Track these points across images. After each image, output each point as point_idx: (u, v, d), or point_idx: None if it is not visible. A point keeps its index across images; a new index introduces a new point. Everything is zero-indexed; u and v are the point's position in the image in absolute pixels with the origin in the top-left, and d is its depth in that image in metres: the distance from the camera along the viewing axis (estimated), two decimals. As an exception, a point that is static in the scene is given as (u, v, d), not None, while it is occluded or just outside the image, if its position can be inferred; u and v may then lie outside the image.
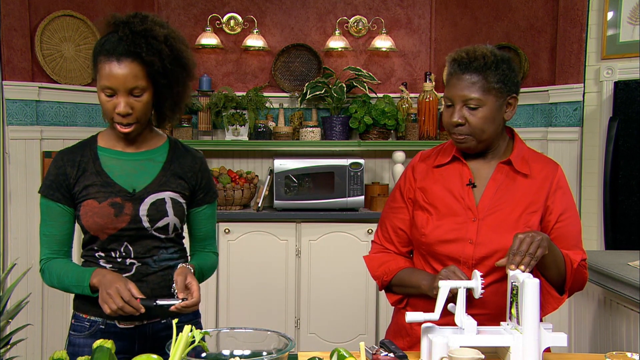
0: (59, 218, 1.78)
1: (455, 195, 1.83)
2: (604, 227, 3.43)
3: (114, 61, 1.67)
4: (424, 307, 1.83)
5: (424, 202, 1.87)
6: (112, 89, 1.68)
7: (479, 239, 1.78)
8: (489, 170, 1.86)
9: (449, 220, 1.81)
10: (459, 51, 1.82)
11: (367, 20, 4.42)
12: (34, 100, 3.51)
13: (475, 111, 1.77)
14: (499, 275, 1.77)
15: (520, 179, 1.83)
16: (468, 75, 1.77)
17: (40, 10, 3.57)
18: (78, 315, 1.83)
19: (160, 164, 1.82)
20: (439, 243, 1.81)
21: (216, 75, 4.43)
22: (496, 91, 1.77)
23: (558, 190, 1.84)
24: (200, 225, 1.92)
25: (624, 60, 3.51)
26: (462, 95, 1.77)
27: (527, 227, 1.78)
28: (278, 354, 1.43)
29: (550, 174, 1.85)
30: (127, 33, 1.68)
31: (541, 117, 3.94)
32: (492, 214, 1.80)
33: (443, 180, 1.87)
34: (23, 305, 1.63)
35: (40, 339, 3.51)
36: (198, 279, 1.80)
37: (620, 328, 2.38)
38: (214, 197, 1.94)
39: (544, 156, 1.93)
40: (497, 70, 1.77)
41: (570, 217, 1.85)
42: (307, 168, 4.05)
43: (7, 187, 3.41)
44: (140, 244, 1.77)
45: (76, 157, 1.79)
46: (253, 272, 3.94)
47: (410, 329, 1.87)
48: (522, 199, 1.81)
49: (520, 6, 4.02)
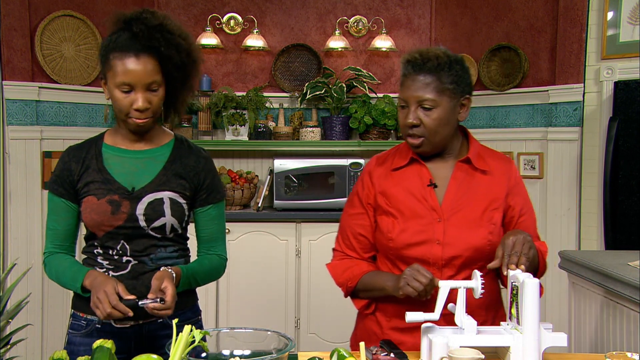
0: (62, 213, 1.80)
1: (417, 197, 1.82)
2: (604, 227, 3.42)
3: (132, 57, 1.67)
4: (394, 311, 1.84)
5: (387, 207, 1.85)
6: (130, 84, 1.68)
7: (446, 239, 1.79)
8: (448, 169, 1.86)
9: (414, 223, 1.80)
10: (413, 52, 1.81)
11: (367, 20, 4.43)
12: (34, 100, 3.51)
13: (430, 112, 1.77)
14: (469, 274, 1.79)
15: (480, 176, 1.85)
16: (422, 76, 1.77)
17: (40, 10, 3.57)
18: (76, 313, 1.83)
19: (162, 162, 1.81)
20: (407, 246, 1.81)
21: (216, 75, 4.43)
22: (450, 92, 1.77)
23: (516, 186, 1.88)
24: (204, 226, 1.89)
25: (624, 60, 3.51)
26: (417, 96, 1.77)
27: (492, 223, 1.81)
28: (278, 354, 1.43)
29: (506, 169, 1.88)
30: (142, 28, 1.68)
31: (541, 117, 3.94)
32: (456, 213, 1.81)
33: (403, 182, 1.86)
34: (23, 305, 1.63)
35: (40, 339, 3.52)
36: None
37: (621, 328, 2.38)
38: (220, 198, 1.90)
39: (498, 152, 1.95)
40: (450, 71, 1.77)
41: (529, 210, 1.91)
42: (307, 168, 4.05)
43: (7, 187, 3.41)
44: (136, 242, 1.77)
45: (82, 153, 1.80)
46: (253, 272, 3.94)
47: (381, 334, 1.86)
48: (483, 195, 1.83)
49: (520, 6, 4.02)
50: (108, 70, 1.71)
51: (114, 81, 1.69)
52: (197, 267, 1.84)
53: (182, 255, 1.87)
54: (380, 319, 1.88)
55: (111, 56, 1.70)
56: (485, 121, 4.23)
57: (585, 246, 3.72)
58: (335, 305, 4.02)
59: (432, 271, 1.77)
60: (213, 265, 1.90)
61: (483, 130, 4.23)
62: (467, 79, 1.82)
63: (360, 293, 1.90)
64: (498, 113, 4.16)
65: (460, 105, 1.82)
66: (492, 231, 1.81)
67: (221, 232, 1.93)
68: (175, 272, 1.72)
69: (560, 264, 2.84)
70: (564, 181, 3.83)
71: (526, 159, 4.02)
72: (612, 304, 2.44)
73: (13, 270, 1.69)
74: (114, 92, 1.70)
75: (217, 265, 1.91)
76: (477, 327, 1.59)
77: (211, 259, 1.90)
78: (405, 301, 1.75)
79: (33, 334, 3.44)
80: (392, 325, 1.86)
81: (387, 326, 1.87)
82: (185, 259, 1.87)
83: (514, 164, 1.92)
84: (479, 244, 1.79)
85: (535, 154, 3.96)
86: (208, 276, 1.88)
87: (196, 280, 1.83)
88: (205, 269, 1.87)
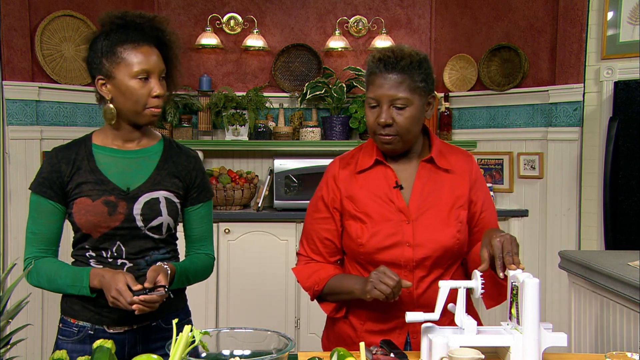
0: (49, 216, 1.76)
1: (384, 200, 1.82)
2: (604, 227, 3.42)
3: (145, 46, 1.72)
4: (367, 315, 1.84)
5: (355, 211, 1.84)
6: (148, 71, 1.71)
7: (416, 241, 1.79)
8: (412, 170, 1.85)
9: (383, 226, 1.79)
10: (384, 50, 1.80)
11: (367, 20, 4.42)
12: (34, 100, 3.51)
13: (403, 111, 1.76)
14: (439, 273, 1.80)
15: (443, 174, 1.85)
16: (394, 75, 1.75)
17: (40, 10, 3.57)
18: (66, 319, 1.80)
19: (155, 162, 1.81)
20: (377, 251, 1.80)
21: (216, 75, 4.43)
22: (420, 90, 1.77)
23: (477, 181, 1.88)
24: (194, 224, 1.89)
25: (624, 60, 3.51)
26: (390, 95, 1.75)
27: (459, 222, 1.81)
28: (278, 354, 1.43)
29: (467, 166, 1.88)
30: (144, 21, 1.74)
31: (541, 117, 3.94)
32: (423, 214, 1.80)
33: (368, 185, 1.85)
34: (23, 305, 1.62)
35: (40, 339, 3.52)
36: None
37: (620, 328, 2.38)
38: (209, 197, 1.91)
39: (458, 148, 1.95)
40: (420, 69, 1.77)
41: (490, 205, 1.91)
42: (307, 168, 4.05)
43: (7, 187, 3.41)
44: (132, 244, 1.76)
45: (71, 154, 1.77)
46: (253, 272, 3.94)
47: (356, 337, 1.84)
48: (448, 194, 1.83)
49: (520, 6, 4.02)
50: (118, 64, 1.71)
51: (129, 72, 1.70)
52: (189, 265, 1.84)
53: (173, 257, 1.87)
54: (354, 323, 1.87)
55: (120, 49, 1.71)
56: (485, 121, 4.23)
57: (585, 246, 3.72)
58: (335, 305, 4.02)
59: (404, 273, 1.78)
60: (204, 264, 1.90)
61: (483, 130, 4.23)
62: (433, 77, 1.83)
63: (327, 297, 1.88)
64: (498, 113, 4.16)
65: (427, 103, 1.82)
66: (459, 229, 1.82)
67: (209, 232, 1.94)
68: (170, 268, 1.72)
69: (560, 264, 2.84)
70: (564, 181, 3.83)
71: (526, 159, 4.02)
72: (612, 304, 2.44)
73: (13, 270, 1.69)
74: (129, 84, 1.70)
75: (207, 265, 1.92)
76: (477, 327, 1.59)
77: (201, 257, 1.90)
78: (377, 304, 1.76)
79: (33, 334, 3.44)
80: (366, 328, 1.85)
81: (361, 329, 1.86)
82: (176, 261, 1.87)
83: (474, 159, 1.92)
84: (448, 243, 1.79)
85: (535, 154, 3.96)
86: (199, 275, 1.88)
87: (188, 278, 1.83)
88: (196, 268, 1.87)
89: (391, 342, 1.69)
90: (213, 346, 1.55)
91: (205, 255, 1.91)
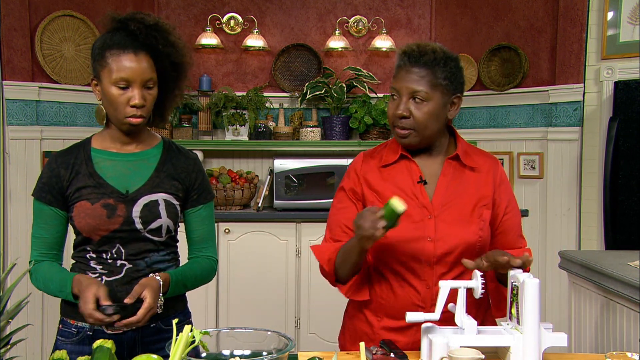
0: (50, 221, 1.77)
1: (408, 194, 1.82)
2: (604, 227, 3.42)
3: (131, 53, 1.68)
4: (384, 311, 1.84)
5: (377, 202, 1.83)
6: (128, 80, 1.68)
7: (438, 236, 1.79)
8: (437, 166, 1.86)
9: (406, 220, 1.77)
10: (410, 45, 1.82)
11: (367, 20, 4.43)
12: (34, 100, 3.51)
13: (421, 105, 1.77)
14: (460, 272, 1.79)
15: (469, 172, 1.85)
16: (417, 69, 1.77)
17: (40, 10, 3.57)
18: (65, 320, 1.81)
19: (153, 165, 1.81)
20: (399, 243, 1.80)
21: (216, 75, 4.43)
22: (443, 87, 1.78)
23: (502, 184, 1.88)
24: (195, 226, 1.88)
25: (624, 60, 3.51)
26: (410, 88, 1.77)
27: (482, 220, 1.81)
28: (278, 354, 1.43)
29: (492, 167, 1.89)
30: (139, 27, 1.70)
31: (541, 117, 3.94)
32: (446, 210, 1.81)
33: (392, 179, 1.85)
34: (23, 305, 1.62)
35: (40, 339, 3.52)
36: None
37: (621, 328, 2.38)
38: (210, 198, 1.90)
39: (484, 151, 1.96)
40: (445, 67, 1.78)
41: (514, 209, 1.91)
42: (307, 168, 4.05)
43: (7, 187, 3.41)
44: (132, 246, 1.75)
45: (70, 159, 1.78)
46: (253, 272, 3.94)
47: (372, 334, 1.85)
48: (473, 192, 1.83)
49: (520, 6, 4.02)
50: (103, 68, 1.70)
51: (111, 78, 1.69)
52: (187, 271, 1.82)
53: (174, 259, 1.86)
54: (371, 319, 1.87)
55: (108, 54, 1.69)
56: (485, 121, 4.23)
57: (585, 246, 3.72)
58: (335, 305, 4.01)
59: (424, 269, 1.78)
60: (203, 269, 1.87)
61: (483, 130, 4.23)
62: (460, 77, 1.82)
63: (339, 271, 1.85)
64: (498, 113, 4.16)
65: (451, 103, 1.82)
66: (482, 227, 1.82)
67: (211, 233, 1.92)
68: (164, 278, 1.71)
69: (560, 264, 2.84)
70: (564, 181, 3.83)
71: (526, 159, 4.02)
72: (612, 304, 2.44)
73: (13, 270, 1.69)
74: (109, 90, 1.69)
75: (208, 269, 1.89)
76: (477, 327, 1.59)
77: (201, 262, 1.88)
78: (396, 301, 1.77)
79: (33, 334, 3.44)
80: (383, 324, 1.85)
81: (378, 326, 1.86)
82: (176, 263, 1.87)
83: (499, 163, 1.93)
84: (470, 239, 1.79)
85: (535, 154, 3.96)
86: (197, 281, 1.86)
87: (185, 285, 1.81)
88: (194, 274, 1.84)
89: (391, 342, 1.69)
90: (213, 346, 1.55)
91: (206, 259, 1.90)
